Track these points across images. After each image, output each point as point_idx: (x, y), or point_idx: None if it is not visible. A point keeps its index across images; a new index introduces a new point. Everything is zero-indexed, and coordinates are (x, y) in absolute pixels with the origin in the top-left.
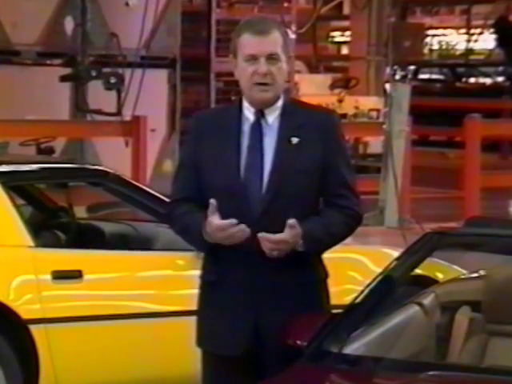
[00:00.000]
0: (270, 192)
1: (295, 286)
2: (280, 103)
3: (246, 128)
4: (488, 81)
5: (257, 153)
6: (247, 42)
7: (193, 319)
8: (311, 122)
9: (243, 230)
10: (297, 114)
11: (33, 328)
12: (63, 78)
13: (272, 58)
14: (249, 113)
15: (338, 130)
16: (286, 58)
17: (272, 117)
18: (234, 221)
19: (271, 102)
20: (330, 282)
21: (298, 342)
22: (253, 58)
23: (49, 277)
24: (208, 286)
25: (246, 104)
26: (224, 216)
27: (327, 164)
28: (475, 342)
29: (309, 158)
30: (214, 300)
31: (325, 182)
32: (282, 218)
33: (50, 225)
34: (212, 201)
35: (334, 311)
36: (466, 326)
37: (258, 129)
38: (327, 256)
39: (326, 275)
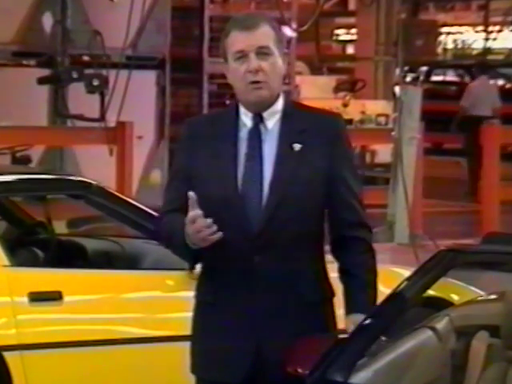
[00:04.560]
0: (271, 203)
1: (298, 306)
2: (280, 106)
3: (244, 134)
4: (508, 83)
5: (256, 161)
6: (235, 39)
7: (184, 345)
8: (315, 126)
9: (209, 225)
10: (299, 117)
11: (7, 355)
12: (41, 80)
13: (262, 52)
14: (246, 118)
15: (344, 135)
16: (280, 53)
17: (272, 121)
18: (198, 212)
19: (268, 103)
20: (336, 303)
21: (299, 370)
22: (242, 55)
23: (25, 299)
24: (203, 307)
25: (242, 109)
26: (221, 230)
27: (333, 172)
28: (494, 371)
29: (313, 165)
30: (210, 322)
31: (330, 192)
32: (285, 231)
33: (26, 242)
34: (190, 193)
35: (340, 336)
36: (484, 353)
37: (256, 135)
38: (333, 276)
39: (332, 294)
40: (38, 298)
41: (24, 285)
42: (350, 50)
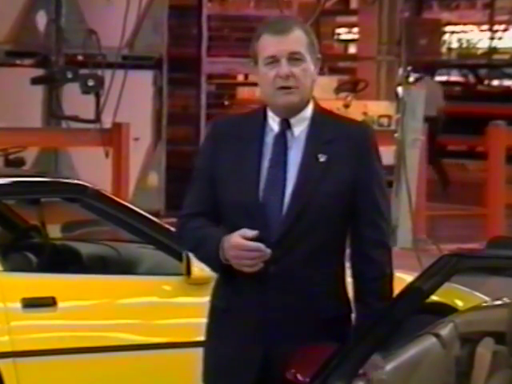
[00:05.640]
0: (291, 213)
1: (313, 320)
2: (309, 113)
3: (270, 139)
4: None
5: (279, 168)
6: (266, 43)
7: (181, 352)
8: (343, 136)
9: (257, 264)
10: (327, 126)
11: (0, 362)
12: (35, 80)
13: (294, 58)
14: (273, 122)
15: (372, 146)
16: (313, 59)
17: (299, 128)
18: (261, 246)
19: (298, 108)
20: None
21: (300, 378)
22: (274, 60)
23: (18, 305)
24: (217, 313)
25: (270, 113)
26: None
27: (358, 185)
28: (500, 379)
29: (337, 178)
30: (222, 328)
31: (354, 204)
32: (303, 242)
33: (20, 246)
34: (256, 232)
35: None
36: (489, 360)
37: (282, 141)
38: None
39: (350, 310)
40: (31, 303)
41: (17, 290)
42: (352, 49)
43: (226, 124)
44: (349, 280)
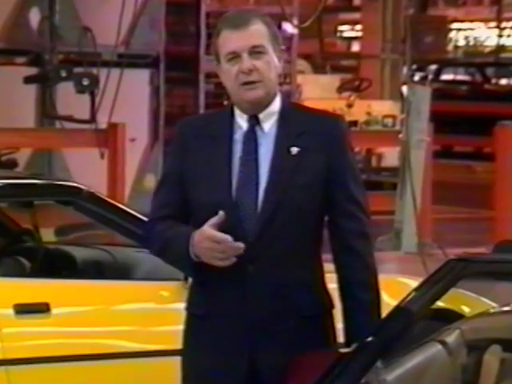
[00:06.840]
0: (267, 210)
1: (296, 318)
2: (277, 107)
3: (239, 136)
4: None
5: (251, 165)
6: (226, 39)
7: (179, 359)
8: (314, 128)
9: (230, 258)
10: (297, 119)
11: None
12: (28, 79)
13: (256, 51)
14: (242, 120)
15: (344, 137)
16: (276, 51)
17: (268, 123)
18: (228, 238)
19: (264, 103)
20: (338, 316)
21: None
22: (235, 56)
23: (11, 311)
24: (195, 320)
25: (238, 112)
26: None
27: (332, 177)
28: None
29: (311, 170)
30: (202, 337)
31: (329, 197)
32: (281, 239)
33: (12, 250)
34: (221, 213)
35: (343, 350)
36: (497, 368)
37: (252, 137)
38: (335, 286)
39: (331, 306)
40: (24, 310)
41: (9, 296)
42: (355, 47)
43: (193, 124)
44: (333, 286)
